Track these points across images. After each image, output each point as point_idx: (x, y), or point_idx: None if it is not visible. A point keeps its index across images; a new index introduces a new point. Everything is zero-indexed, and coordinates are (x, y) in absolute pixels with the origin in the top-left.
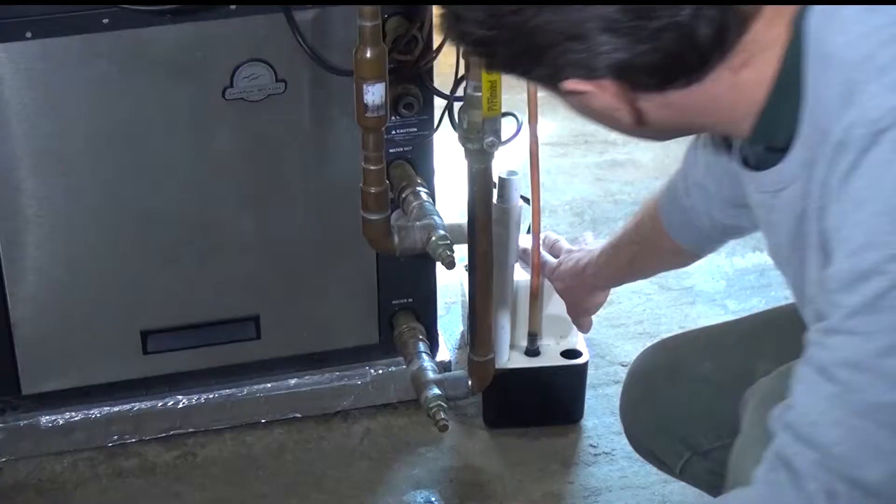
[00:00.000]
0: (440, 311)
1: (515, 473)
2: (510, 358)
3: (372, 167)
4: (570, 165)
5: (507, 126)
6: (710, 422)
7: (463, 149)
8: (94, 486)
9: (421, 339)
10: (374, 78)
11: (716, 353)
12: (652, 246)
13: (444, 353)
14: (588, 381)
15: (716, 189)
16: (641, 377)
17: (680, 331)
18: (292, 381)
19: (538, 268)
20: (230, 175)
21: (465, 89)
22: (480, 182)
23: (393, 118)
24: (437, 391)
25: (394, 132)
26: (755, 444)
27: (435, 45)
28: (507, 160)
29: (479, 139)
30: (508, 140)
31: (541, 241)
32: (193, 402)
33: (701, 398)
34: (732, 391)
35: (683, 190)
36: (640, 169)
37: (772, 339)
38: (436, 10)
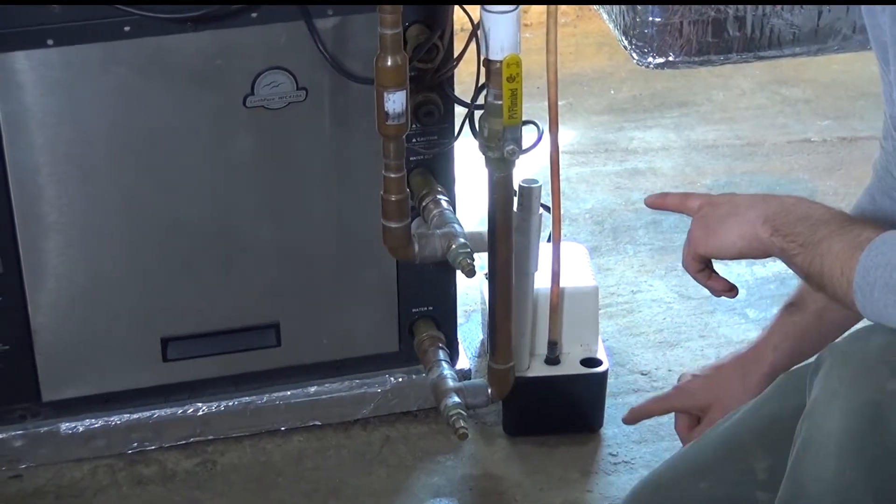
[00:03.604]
0: (460, 319)
1: (535, 482)
2: (530, 366)
3: (392, 175)
4: (591, 174)
5: (527, 134)
6: None
7: (483, 157)
8: (114, 493)
9: (441, 348)
10: (394, 86)
11: (705, 471)
12: None
13: (464, 361)
14: (608, 390)
15: None
16: None
17: (700, 339)
18: (312, 389)
19: (558, 276)
20: (251, 182)
21: (485, 98)
22: (501, 190)
23: (413, 126)
24: (456, 399)
25: (414, 140)
26: (834, 398)
27: (455, 54)
28: (528, 168)
29: (500, 147)
30: (529, 148)
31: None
32: (213, 409)
33: None
34: (741, 498)
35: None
36: (661, 177)
37: (753, 436)
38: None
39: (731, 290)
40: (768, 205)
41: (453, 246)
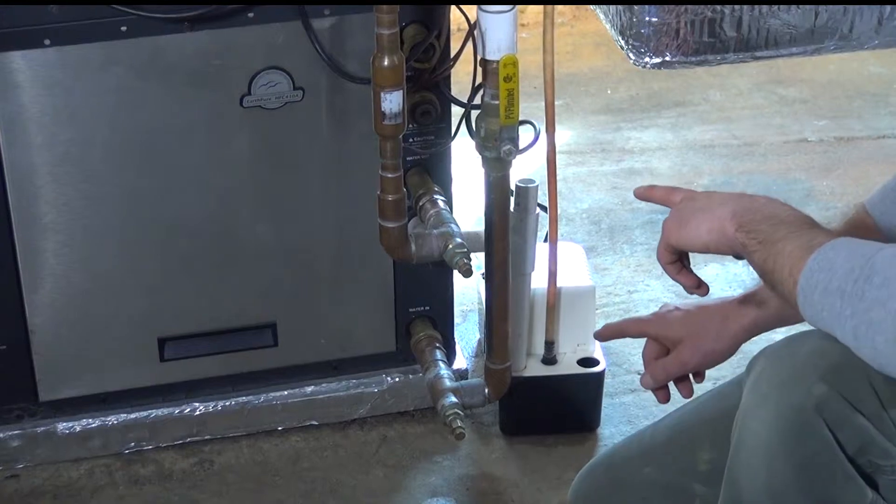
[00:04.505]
0: (457, 319)
1: (532, 482)
2: (527, 366)
3: (389, 175)
4: (587, 174)
5: (524, 134)
6: None
7: (480, 157)
8: (111, 493)
9: (438, 347)
10: (391, 86)
11: (652, 456)
12: None
13: (461, 360)
14: (605, 390)
15: None
16: (585, 502)
17: None
18: (309, 389)
19: (555, 275)
20: (248, 182)
21: (482, 97)
22: (498, 190)
23: (410, 126)
24: (453, 399)
25: (411, 140)
26: (764, 402)
27: (452, 54)
28: (525, 168)
29: (497, 147)
30: (526, 148)
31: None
32: (210, 409)
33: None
34: (680, 489)
35: None
36: (658, 177)
37: (703, 427)
38: (453, 20)
39: (700, 286)
40: (739, 202)
41: (450, 246)
